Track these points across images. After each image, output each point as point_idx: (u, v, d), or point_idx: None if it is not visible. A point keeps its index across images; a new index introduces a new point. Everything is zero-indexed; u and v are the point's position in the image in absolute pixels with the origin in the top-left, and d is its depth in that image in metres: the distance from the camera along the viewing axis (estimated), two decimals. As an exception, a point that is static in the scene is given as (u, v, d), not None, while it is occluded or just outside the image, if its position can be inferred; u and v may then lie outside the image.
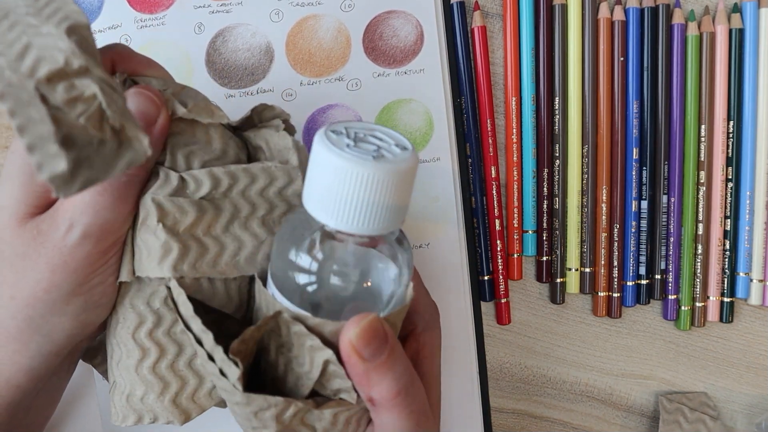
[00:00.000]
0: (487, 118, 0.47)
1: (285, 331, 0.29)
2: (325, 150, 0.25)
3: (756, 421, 0.51)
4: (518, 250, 0.49)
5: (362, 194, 0.25)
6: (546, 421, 0.51)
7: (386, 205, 0.25)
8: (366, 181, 0.25)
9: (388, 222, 0.26)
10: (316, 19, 0.45)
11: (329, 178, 0.25)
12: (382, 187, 0.25)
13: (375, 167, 0.24)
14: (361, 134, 0.26)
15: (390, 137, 0.27)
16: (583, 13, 0.48)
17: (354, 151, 0.25)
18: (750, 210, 0.49)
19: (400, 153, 0.26)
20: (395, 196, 0.25)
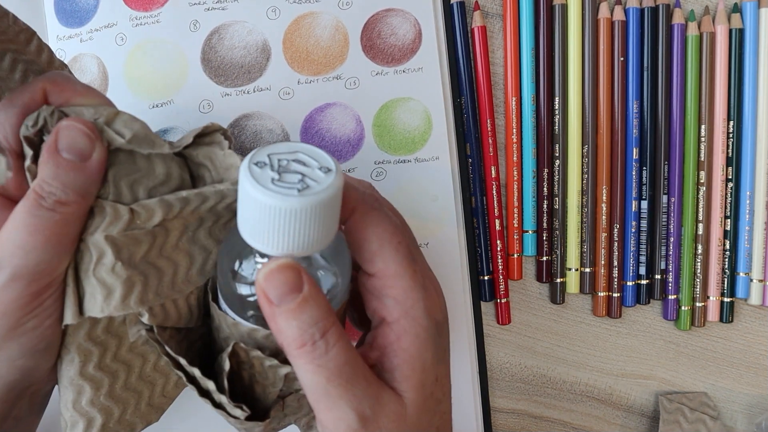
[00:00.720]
0: (487, 118, 0.46)
1: (244, 356, 0.29)
2: (250, 187, 0.24)
3: (756, 421, 0.49)
4: (518, 250, 0.47)
5: (290, 225, 0.25)
6: (546, 421, 0.49)
7: (315, 229, 0.25)
8: (293, 215, 0.24)
9: (318, 242, 0.26)
10: (314, 17, 0.43)
11: (257, 214, 0.25)
12: (309, 216, 0.25)
13: (300, 202, 0.24)
14: (285, 162, 0.26)
15: (314, 158, 0.26)
16: (583, 13, 0.46)
17: (278, 186, 0.25)
18: (750, 210, 0.47)
19: (324, 178, 0.25)
20: (323, 220, 0.25)
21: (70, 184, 0.27)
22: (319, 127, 0.44)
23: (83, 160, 0.27)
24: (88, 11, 0.42)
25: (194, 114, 0.42)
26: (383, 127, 0.44)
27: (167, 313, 0.30)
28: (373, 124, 0.44)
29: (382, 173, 0.44)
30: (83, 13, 0.43)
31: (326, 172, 0.25)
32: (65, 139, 0.27)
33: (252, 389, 0.31)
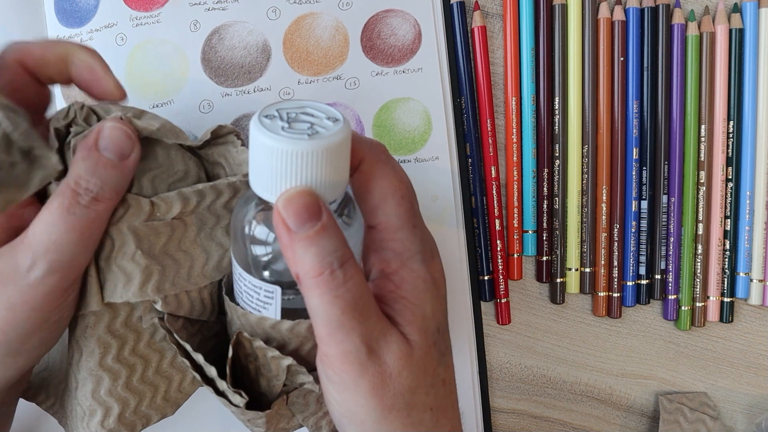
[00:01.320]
0: (487, 118, 0.45)
1: (248, 346, 0.29)
2: (261, 135, 0.25)
3: (756, 421, 0.49)
4: (518, 250, 0.46)
5: (302, 170, 0.25)
6: (546, 421, 0.48)
7: (326, 176, 0.25)
8: (304, 158, 0.24)
9: (329, 189, 0.26)
10: (314, 17, 0.42)
11: (269, 162, 0.25)
12: (320, 160, 0.25)
13: (310, 145, 0.24)
14: (293, 114, 0.26)
15: (321, 111, 0.27)
16: (583, 13, 0.45)
17: (289, 132, 0.25)
18: (750, 210, 0.47)
19: (332, 126, 0.25)
20: (333, 166, 0.25)
21: (108, 181, 0.27)
22: (319, 127, 0.43)
23: (122, 159, 0.27)
24: (88, 11, 0.41)
25: (194, 114, 0.41)
26: (383, 128, 0.43)
27: (180, 303, 0.31)
28: (373, 124, 0.43)
29: (382, 173, 0.43)
30: (83, 13, 0.42)
31: (334, 121, 0.26)
32: (107, 139, 0.27)
33: (258, 383, 0.31)
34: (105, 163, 0.27)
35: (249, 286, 0.28)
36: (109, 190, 0.27)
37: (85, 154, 0.27)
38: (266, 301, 0.28)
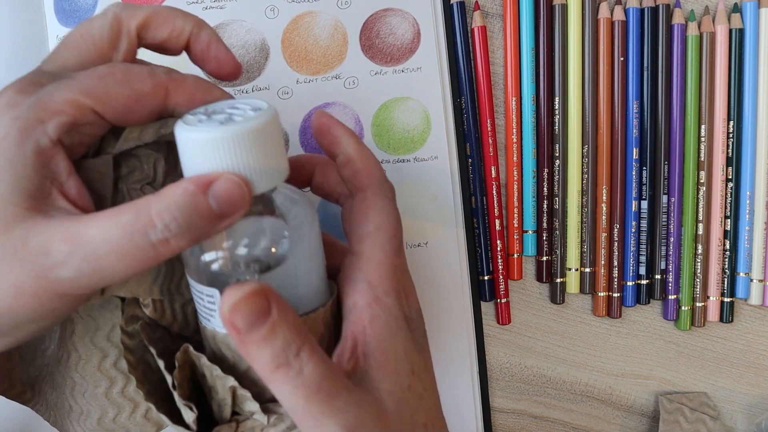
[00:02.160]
0: (487, 118, 0.44)
1: (197, 363, 0.27)
2: (178, 130, 0.24)
3: (756, 421, 0.47)
4: (518, 250, 0.45)
5: (217, 158, 0.23)
6: (546, 421, 0.47)
7: (248, 164, 0.24)
8: (218, 146, 0.23)
9: (257, 179, 0.24)
10: (312, 16, 0.41)
11: (189, 155, 0.24)
12: (237, 147, 0.23)
13: (219, 131, 0.23)
14: (219, 109, 0.25)
15: (248, 104, 0.25)
16: (583, 13, 0.44)
17: (204, 124, 0.24)
18: (750, 210, 0.45)
19: (251, 115, 0.24)
20: (255, 153, 0.24)
21: (193, 231, 0.23)
22: (318, 126, 0.41)
23: (222, 218, 0.24)
24: (86, 11, 0.40)
25: None
26: (382, 127, 0.42)
27: (164, 312, 0.29)
28: (372, 123, 0.42)
29: (382, 173, 0.42)
30: (82, 13, 0.40)
31: (256, 110, 0.24)
32: (223, 190, 0.23)
33: (212, 408, 0.28)
34: (204, 211, 0.23)
35: (194, 292, 0.26)
36: (186, 241, 0.23)
37: (189, 191, 0.23)
38: (210, 308, 0.26)
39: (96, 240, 0.22)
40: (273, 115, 0.24)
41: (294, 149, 0.41)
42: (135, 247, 0.22)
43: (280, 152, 0.25)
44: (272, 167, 0.24)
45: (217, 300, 0.25)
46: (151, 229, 0.22)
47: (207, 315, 0.26)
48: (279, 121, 0.25)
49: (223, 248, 0.25)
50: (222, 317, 0.23)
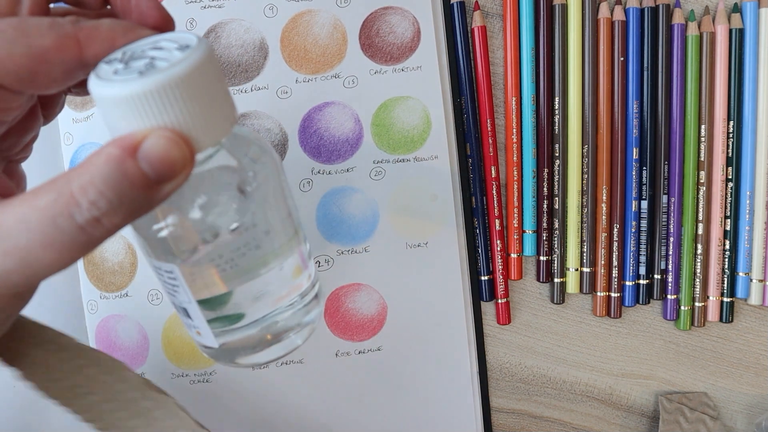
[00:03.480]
0: (487, 118, 0.42)
1: None
2: (92, 86, 0.19)
3: (756, 421, 0.46)
4: (518, 250, 0.43)
5: (142, 116, 0.19)
6: (546, 421, 0.45)
7: (186, 119, 0.19)
8: (141, 102, 0.18)
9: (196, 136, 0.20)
10: (312, 15, 0.39)
11: (109, 116, 0.19)
12: (166, 100, 0.19)
13: (143, 83, 0.18)
14: (138, 52, 0.20)
15: (173, 41, 0.20)
16: (583, 13, 0.43)
17: (120, 75, 0.19)
18: (750, 210, 0.44)
19: (177, 56, 0.19)
20: (191, 103, 0.19)
21: (127, 205, 0.19)
22: (317, 126, 0.40)
23: (161, 182, 0.19)
24: (85, 11, 0.39)
25: None
26: (382, 126, 0.40)
27: None
28: (372, 123, 0.40)
29: (381, 172, 0.40)
30: (81, 13, 0.39)
31: (184, 49, 0.19)
32: (155, 148, 0.19)
33: None
34: (137, 179, 0.19)
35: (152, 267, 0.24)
36: (120, 217, 0.19)
37: (113, 156, 0.18)
38: (172, 284, 0.23)
39: (15, 230, 0.18)
40: (205, 52, 0.19)
41: (294, 149, 0.40)
42: (61, 233, 0.18)
43: (221, 95, 0.21)
44: (215, 115, 0.20)
45: (179, 277, 0.23)
46: (76, 208, 0.18)
47: (171, 291, 0.24)
48: (215, 57, 0.20)
49: (172, 215, 0.22)
50: None
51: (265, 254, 0.24)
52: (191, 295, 0.24)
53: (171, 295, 0.24)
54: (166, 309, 0.40)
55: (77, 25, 0.20)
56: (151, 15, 0.23)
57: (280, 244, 0.25)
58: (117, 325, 0.40)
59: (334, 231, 0.41)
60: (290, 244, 0.25)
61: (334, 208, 0.40)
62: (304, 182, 0.40)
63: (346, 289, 0.41)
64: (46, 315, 0.40)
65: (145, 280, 0.40)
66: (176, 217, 0.22)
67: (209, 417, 0.41)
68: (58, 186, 0.18)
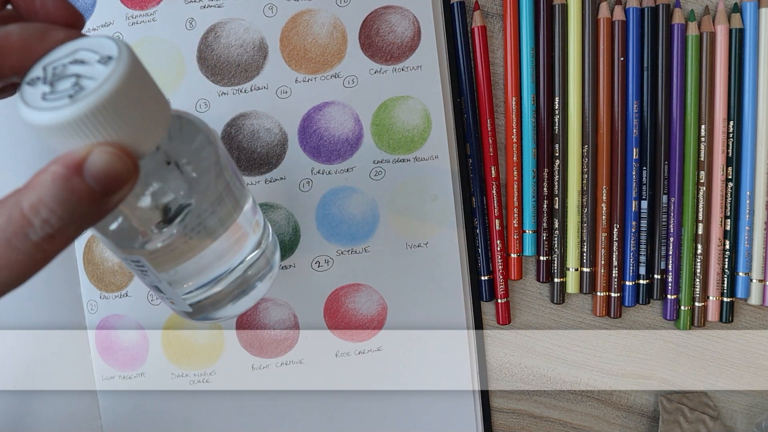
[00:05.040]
0: (487, 118, 0.42)
1: None
2: (24, 113, 0.19)
3: (756, 421, 0.45)
4: (518, 250, 0.43)
5: (87, 136, 0.19)
6: (546, 421, 0.45)
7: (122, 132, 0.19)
8: (75, 127, 0.18)
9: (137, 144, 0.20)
10: (311, 15, 0.39)
11: (47, 139, 0.19)
12: (101, 120, 0.18)
13: (72, 110, 0.18)
14: (59, 68, 0.19)
15: (93, 52, 0.20)
16: (583, 13, 0.42)
17: (49, 100, 0.18)
18: (750, 210, 0.43)
19: (102, 71, 0.19)
20: (127, 114, 0.19)
21: (78, 219, 0.19)
22: (317, 126, 0.39)
23: (108, 193, 0.19)
24: (85, 10, 0.38)
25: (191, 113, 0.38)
26: (382, 126, 0.40)
27: None
28: (372, 123, 0.40)
29: (381, 172, 0.40)
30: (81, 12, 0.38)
31: (106, 62, 0.19)
32: (99, 164, 0.19)
33: None
34: (86, 194, 0.19)
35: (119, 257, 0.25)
36: (74, 230, 0.19)
37: (60, 175, 0.18)
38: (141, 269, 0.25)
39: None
40: (129, 61, 0.19)
41: (293, 149, 0.39)
42: (17, 253, 0.18)
43: (153, 96, 0.20)
44: (151, 118, 0.20)
45: (146, 264, 0.24)
46: (30, 228, 0.18)
47: (140, 275, 0.26)
48: (139, 61, 0.20)
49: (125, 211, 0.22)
50: None
51: (214, 226, 0.25)
52: (159, 274, 0.25)
53: (141, 277, 0.26)
54: (166, 309, 0.40)
55: None
56: (59, 13, 0.22)
57: (226, 214, 0.26)
58: (117, 325, 0.40)
59: (334, 231, 0.40)
60: (234, 212, 0.27)
61: (334, 208, 0.40)
62: (304, 182, 0.40)
63: (346, 290, 0.41)
64: (46, 315, 0.39)
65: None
66: (130, 212, 0.23)
67: (209, 417, 0.40)
68: (8, 207, 0.18)
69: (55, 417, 0.40)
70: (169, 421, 0.40)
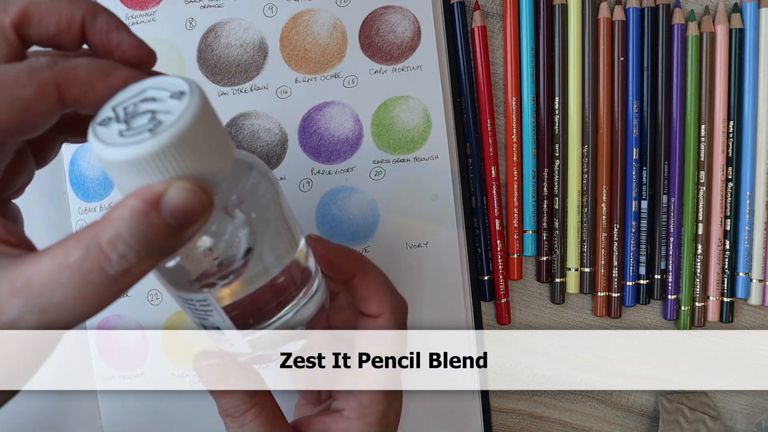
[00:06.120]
0: (487, 118, 0.42)
1: None
2: (99, 152, 0.19)
3: (756, 421, 0.45)
4: (518, 250, 0.43)
5: (165, 171, 0.19)
6: (546, 421, 0.44)
7: (196, 166, 0.20)
8: (157, 160, 0.19)
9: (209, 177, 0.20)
10: (311, 14, 0.39)
11: (124, 176, 0.19)
12: (179, 152, 0.19)
13: (155, 143, 0.18)
14: (131, 107, 0.20)
15: (163, 89, 0.20)
16: (583, 13, 0.42)
17: (127, 135, 0.19)
18: (750, 210, 0.43)
19: (177, 105, 0.19)
20: (201, 149, 0.19)
21: (154, 252, 0.20)
22: (317, 126, 0.39)
23: (183, 228, 0.20)
24: (85, 10, 0.38)
25: None
26: (382, 126, 0.40)
27: None
28: (372, 122, 0.39)
29: (381, 172, 0.40)
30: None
31: (179, 97, 0.20)
32: (176, 200, 0.19)
33: None
34: (162, 230, 0.19)
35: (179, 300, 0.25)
36: (148, 264, 0.20)
37: (138, 210, 0.19)
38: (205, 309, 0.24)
39: (47, 288, 0.19)
40: (202, 95, 0.20)
41: (293, 149, 0.39)
42: (94, 287, 0.19)
43: (220, 131, 0.21)
44: (220, 152, 0.21)
45: (212, 303, 0.24)
46: (106, 263, 0.19)
47: (203, 316, 0.25)
48: (207, 98, 0.20)
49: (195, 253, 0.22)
50: (195, 368, 0.27)
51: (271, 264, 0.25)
52: (224, 314, 0.24)
53: (202, 319, 0.25)
54: (166, 309, 0.39)
55: (55, 68, 0.20)
56: (133, 52, 0.23)
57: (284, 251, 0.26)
58: (117, 324, 0.40)
59: (334, 231, 0.40)
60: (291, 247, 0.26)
61: (334, 208, 0.40)
62: (304, 182, 0.39)
63: (346, 289, 0.40)
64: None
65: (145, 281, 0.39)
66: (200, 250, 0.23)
67: (209, 417, 0.40)
68: (86, 242, 0.19)
69: (55, 417, 0.40)
70: (169, 421, 0.40)
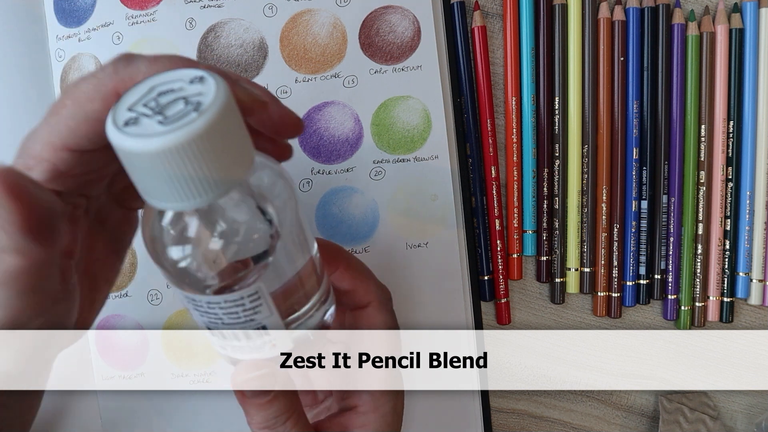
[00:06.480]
0: (487, 118, 0.41)
1: None
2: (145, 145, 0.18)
3: (756, 421, 0.45)
4: (518, 250, 0.43)
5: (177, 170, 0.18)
6: (546, 421, 0.44)
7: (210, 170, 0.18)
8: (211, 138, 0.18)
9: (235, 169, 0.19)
10: (311, 14, 0.39)
11: (131, 165, 0.18)
12: (231, 123, 0.18)
13: (209, 118, 0.17)
14: (152, 103, 0.19)
15: (174, 80, 0.19)
16: (583, 13, 0.42)
17: (168, 123, 0.18)
18: (750, 210, 0.43)
19: (205, 87, 0.18)
20: (214, 154, 0.18)
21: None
22: (317, 126, 0.39)
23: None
24: (85, 10, 0.38)
25: None
26: (382, 126, 0.39)
27: None
28: (372, 122, 0.39)
29: (381, 172, 0.40)
30: (81, 12, 0.38)
31: (200, 81, 0.19)
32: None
33: None
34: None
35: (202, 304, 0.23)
36: None
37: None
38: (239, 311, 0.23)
39: None
40: (222, 96, 0.18)
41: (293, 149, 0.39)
42: None
43: (237, 133, 0.20)
44: (244, 151, 0.20)
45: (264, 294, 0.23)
46: None
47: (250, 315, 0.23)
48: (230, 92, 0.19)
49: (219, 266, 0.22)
50: (233, 384, 0.26)
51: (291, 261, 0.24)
52: (273, 306, 0.24)
53: (249, 320, 0.24)
54: (166, 309, 0.39)
55: (115, 77, 0.21)
56: (290, 127, 0.25)
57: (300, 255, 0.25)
58: (117, 325, 0.40)
59: (334, 231, 0.40)
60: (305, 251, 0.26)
61: (334, 208, 0.40)
62: (304, 182, 0.39)
63: (346, 289, 0.40)
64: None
65: (145, 280, 0.39)
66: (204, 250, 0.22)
67: (209, 417, 0.40)
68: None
69: (55, 417, 0.40)
70: (169, 421, 0.40)
